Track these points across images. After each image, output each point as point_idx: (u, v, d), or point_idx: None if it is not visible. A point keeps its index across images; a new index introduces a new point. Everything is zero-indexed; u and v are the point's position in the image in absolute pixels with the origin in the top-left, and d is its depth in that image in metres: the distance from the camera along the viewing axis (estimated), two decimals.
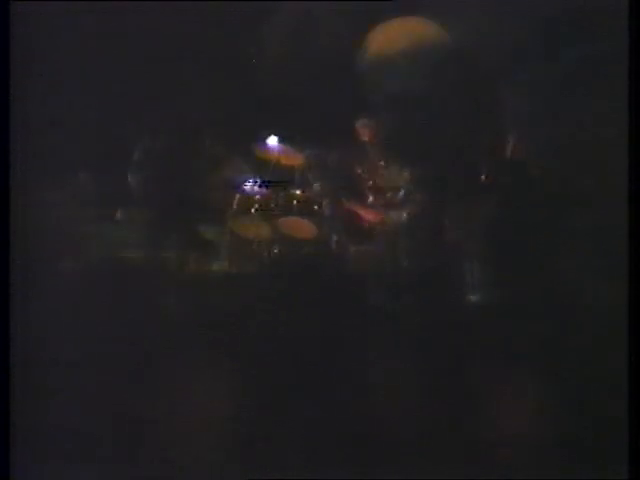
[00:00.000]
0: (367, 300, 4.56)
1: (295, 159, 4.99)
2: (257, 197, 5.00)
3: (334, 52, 4.61)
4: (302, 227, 4.92)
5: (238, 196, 5.00)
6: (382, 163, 4.95)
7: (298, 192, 5.02)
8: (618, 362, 3.70)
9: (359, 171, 4.96)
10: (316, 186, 5.04)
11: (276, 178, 4.94)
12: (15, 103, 4.04)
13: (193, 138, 4.75)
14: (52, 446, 4.03)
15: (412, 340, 4.29)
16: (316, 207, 5.00)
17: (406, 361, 4.26)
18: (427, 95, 4.52)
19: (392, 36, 4.66)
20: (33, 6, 4.14)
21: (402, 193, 4.86)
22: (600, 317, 3.98)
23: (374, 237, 4.85)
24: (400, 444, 3.97)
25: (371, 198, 4.93)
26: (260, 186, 4.99)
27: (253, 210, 5.00)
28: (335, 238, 4.94)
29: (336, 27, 4.63)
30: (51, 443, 4.03)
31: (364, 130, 4.96)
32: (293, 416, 4.11)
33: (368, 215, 4.91)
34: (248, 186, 4.99)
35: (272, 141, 4.94)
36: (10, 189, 4.00)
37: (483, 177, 4.65)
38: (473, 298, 4.51)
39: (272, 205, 5.00)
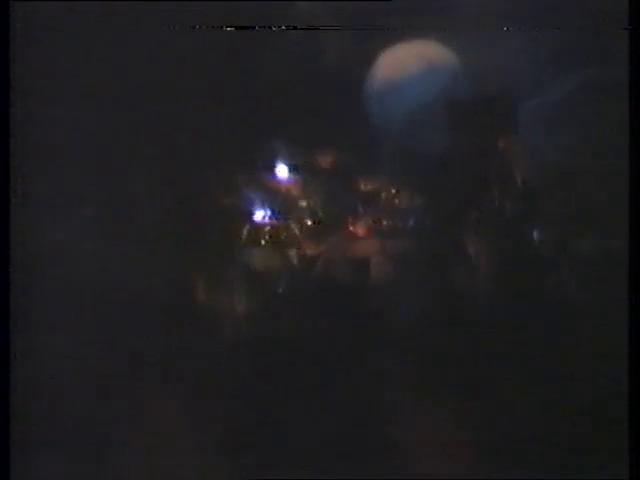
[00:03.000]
0: (387, 339, 4.36)
1: (307, 187, 4.76)
2: (267, 228, 4.75)
3: (347, 73, 4.47)
4: (316, 258, 4.69)
5: (247, 227, 4.74)
6: (397, 190, 4.69)
7: (309, 222, 4.77)
8: (618, 362, 3.74)
9: (374, 200, 4.72)
10: (329, 215, 4.77)
11: (287, 207, 4.75)
12: (15, 103, 4.02)
13: (199, 165, 4.57)
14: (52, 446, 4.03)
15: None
16: (331, 237, 4.73)
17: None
18: (439, 118, 4.45)
19: (403, 57, 4.57)
20: (33, 6, 4.12)
21: (416, 220, 4.62)
22: (601, 318, 4.01)
23: (393, 267, 4.59)
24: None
25: (389, 226, 4.68)
26: (270, 216, 4.74)
27: (263, 241, 4.76)
28: (351, 270, 4.67)
29: (344, 45, 4.51)
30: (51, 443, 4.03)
31: (380, 156, 4.65)
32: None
33: (386, 244, 4.65)
34: (257, 216, 4.73)
35: (282, 169, 4.73)
36: (10, 189, 3.98)
37: (495, 203, 4.51)
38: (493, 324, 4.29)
39: (283, 235, 4.75)
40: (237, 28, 4.34)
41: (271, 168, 4.71)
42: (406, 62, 4.57)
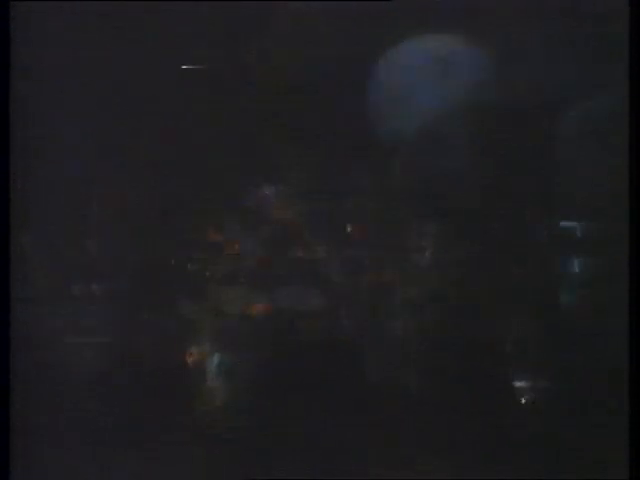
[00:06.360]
0: (388, 397, 4.03)
1: (294, 212, 4.22)
2: (246, 262, 4.20)
3: (339, 79, 4.14)
4: (304, 299, 4.16)
5: (221, 261, 4.19)
6: (406, 216, 4.14)
7: (298, 254, 4.19)
8: (618, 361, 3.72)
9: (377, 226, 4.17)
10: (321, 246, 4.22)
11: (270, 237, 4.23)
12: (15, 103, 4.04)
13: (165, 184, 4.25)
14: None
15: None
16: (322, 273, 4.18)
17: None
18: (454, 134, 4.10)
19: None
20: (33, 6, 4.14)
21: (430, 254, 4.13)
22: (601, 319, 3.99)
23: (397, 311, 4.12)
24: None
25: (395, 259, 4.13)
26: (249, 248, 4.18)
27: (242, 279, 4.20)
28: (348, 313, 4.15)
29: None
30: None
31: (381, 174, 4.13)
32: None
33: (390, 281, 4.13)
34: (234, 248, 4.19)
35: (265, 190, 4.22)
36: (9, 189, 4.00)
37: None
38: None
39: (265, 272, 4.15)
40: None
41: (252, 188, 4.14)
42: None
